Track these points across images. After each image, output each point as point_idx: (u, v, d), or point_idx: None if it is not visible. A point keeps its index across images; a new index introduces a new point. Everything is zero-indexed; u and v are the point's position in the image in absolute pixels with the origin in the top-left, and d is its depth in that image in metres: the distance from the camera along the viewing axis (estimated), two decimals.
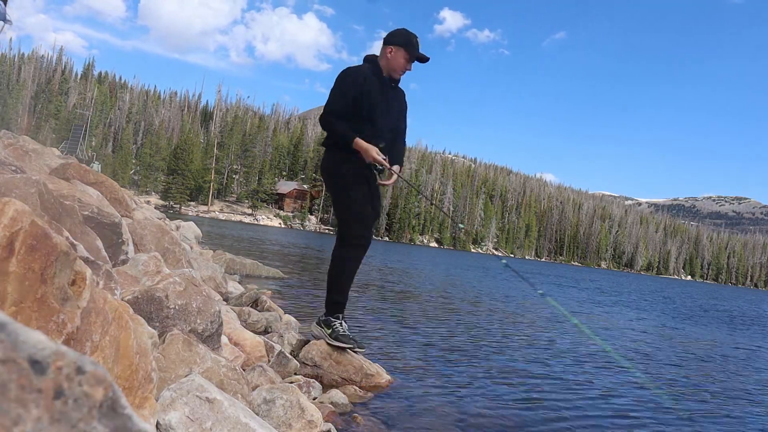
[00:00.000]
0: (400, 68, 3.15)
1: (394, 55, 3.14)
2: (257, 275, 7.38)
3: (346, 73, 3.11)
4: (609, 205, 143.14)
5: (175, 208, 62.85)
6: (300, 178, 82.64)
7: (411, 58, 3.15)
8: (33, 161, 3.74)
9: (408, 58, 3.14)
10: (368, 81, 3.08)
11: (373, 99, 3.08)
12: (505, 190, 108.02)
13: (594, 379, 3.87)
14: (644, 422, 3.00)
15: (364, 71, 3.12)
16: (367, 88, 3.07)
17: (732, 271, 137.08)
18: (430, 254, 36.49)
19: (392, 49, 3.15)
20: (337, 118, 3.06)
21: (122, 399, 0.42)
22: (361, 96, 3.06)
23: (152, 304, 1.92)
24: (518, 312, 7.73)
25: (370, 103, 3.07)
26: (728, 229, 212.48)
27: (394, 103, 3.26)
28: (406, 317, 5.63)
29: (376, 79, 3.14)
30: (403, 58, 3.13)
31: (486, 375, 3.55)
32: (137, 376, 1.32)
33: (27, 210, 1.01)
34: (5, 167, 2.61)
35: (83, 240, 2.12)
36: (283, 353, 2.78)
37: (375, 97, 3.09)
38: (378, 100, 3.11)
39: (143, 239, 3.14)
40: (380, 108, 3.12)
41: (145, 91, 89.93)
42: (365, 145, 3.00)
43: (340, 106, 3.06)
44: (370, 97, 3.07)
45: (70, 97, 74.26)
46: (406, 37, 3.15)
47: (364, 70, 3.13)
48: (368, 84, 3.08)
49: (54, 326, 1.05)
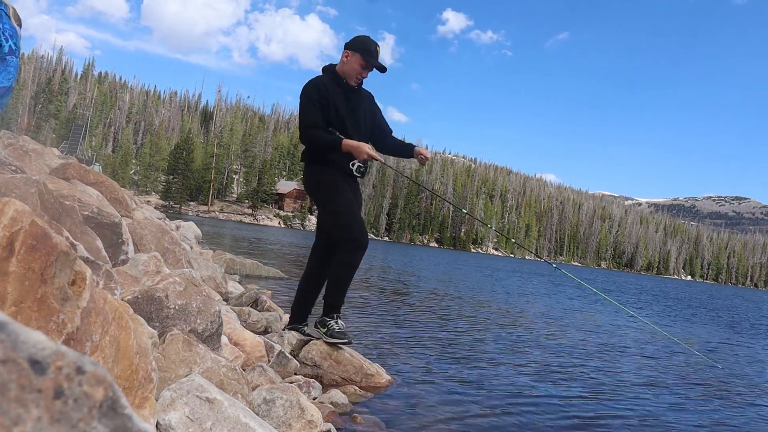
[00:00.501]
0: (355, 73, 3.16)
1: (349, 60, 3.15)
2: (257, 275, 7.38)
3: (308, 86, 3.14)
4: (609, 205, 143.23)
5: (175, 208, 62.86)
6: (300, 178, 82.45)
7: (367, 65, 3.15)
8: (33, 161, 3.74)
9: (363, 64, 3.14)
10: (330, 90, 3.11)
11: (337, 106, 3.12)
12: (505, 190, 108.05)
13: (597, 377, 3.87)
14: (653, 423, 3.00)
15: (324, 81, 3.15)
16: (332, 97, 3.10)
17: (732, 271, 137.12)
18: (430, 254, 36.49)
19: (349, 53, 3.16)
20: (317, 129, 3.08)
21: (122, 399, 0.42)
22: (328, 105, 3.09)
23: (152, 304, 1.92)
24: (518, 311, 7.73)
25: (337, 110, 3.11)
26: (728, 229, 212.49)
27: (360, 105, 3.27)
28: (406, 317, 5.63)
29: (337, 86, 3.16)
30: (358, 63, 3.14)
31: (486, 375, 3.55)
32: (137, 376, 1.32)
33: (27, 210, 1.01)
34: (5, 167, 2.61)
35: (83, 240, 2.12)
36: (283, 353, 2.78)
37: (339, 104, 3.13)
38: (343, 106, 3.14)
39: (143, 239, 3.14)
40: (346, 113, 3.15)
41: (145, 91, 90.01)
42: (355, 143, 3.04)
43: (316, 117, 3.08)
44: (336, 105, 3.11)
45: (70, 97, 74.29)
46: (364, 44, 3.15)
47: (323, 80, 3.15)
48: (331, 93, 3.11)
49: (54, 326, 1.05)
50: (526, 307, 8.57)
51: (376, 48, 3.15)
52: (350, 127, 3.15)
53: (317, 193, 3.20)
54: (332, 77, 3.19)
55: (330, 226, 3.23)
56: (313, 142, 3.11)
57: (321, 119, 3.08)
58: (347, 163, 3.13)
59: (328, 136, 3.06)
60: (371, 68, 3.18)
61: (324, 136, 3.06)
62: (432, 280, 12.14)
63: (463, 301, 8.28)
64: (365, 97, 3.35)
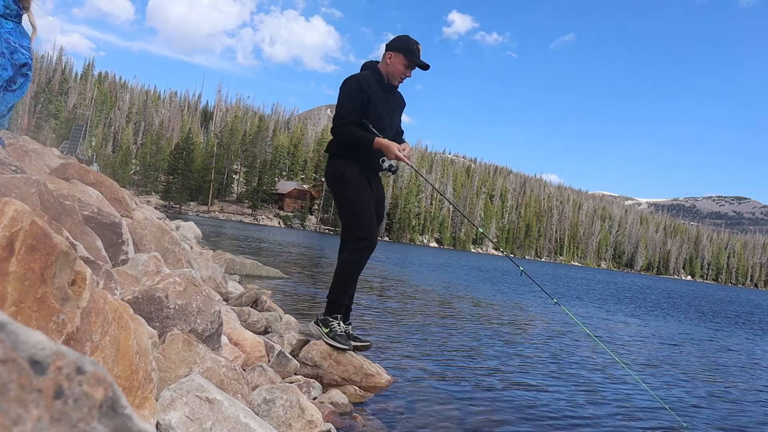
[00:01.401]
0: (399, 74, 3.21)
1: (393, 61, 3.20)
2: (257, 275, 7.38)
3: (351, 81, 3.17)
4: (609, 205, 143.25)
5: (175, 208, 62.85)
6: (300, 178, 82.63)
7: (410, 65, 3.20)
8: (33, 161, 3.74)
9: (407, 64, 3.19)
10: (372, 87, 3.15)
11: (377, 104, 3.16)
12: (505, 190, 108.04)
13: (596, 379, 3.87)
14: (650, 425, 3.00)
15: (368, 78, 3.18)
16: (373, 94, 3.14)
17: (732, 271, 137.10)
18: (430, 254, 36.49)
19: (392, 54, 3.20)
20: (352, 125, 3.11)
21: (122, 399, 0.42)
22: (368, 102, 3.12)
23: (152, 304, 1.92)
24: (519, 313, 7.73)
25: (376, 107, 3.15)
26: (728, 229, 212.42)
27: (396, 107, 3.36)
28: (407, 317, 5.63)
29: (378, 85, 3.21)
30: (401, 64, 3.18)
31: (486, 375, 3.55)
32: (137, 376, 1.32)
33: (27, 210, 1.01)
34: (5, 167, 2.61)
35: (83, 240, 2.12)
36: (283, 353, 2.78)
37: (379, 102, 3.17)
38: (383, 104, 3.20)
39: (143, 239, 3.14)
40: (384, 112, 3.21)
41: (145, 91, 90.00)
42: (386, 142, 3.07)
43: (352, 112, 3.11)
44: (375, 103, 3.14)
45: (70, 97, 74.25)
46: (406, 44, 3.19)
47: (367, 77, 3.18)
48: (373, 90, 3.15)
49: (54, 326, 1.05)
50: (527, 307, 8.57)
51: (417, 47, 3.20)
52: (386, 126, 3.21)
53: (339, 185, 3.19)
54: (375, 75, 3.23)
55: (344, 220, 3.24)
56: (346, 136, 3.13)
57: (357, 115, 3.11)
58: (377, 160, 3.14)
59: (361, 132, 3.09)
60: (414, 67, 3.22)
61: (358, 132, 3.09)
62: (432, 281, 12.14)
63: (463, 301, 8.28)
64: (399, 99, 3.42)
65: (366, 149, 3.10)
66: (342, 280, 3.16)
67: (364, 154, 3.13)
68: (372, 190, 3.22)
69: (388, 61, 3.21)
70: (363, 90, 3.11)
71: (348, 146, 3.15)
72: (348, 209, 3.17)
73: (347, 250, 3.16)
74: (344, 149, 3.17)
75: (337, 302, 3.17)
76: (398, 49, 3.18)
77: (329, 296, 3.19)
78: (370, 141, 3.06)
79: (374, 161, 3.14)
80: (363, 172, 3.17)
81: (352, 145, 3.13)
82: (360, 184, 3.15)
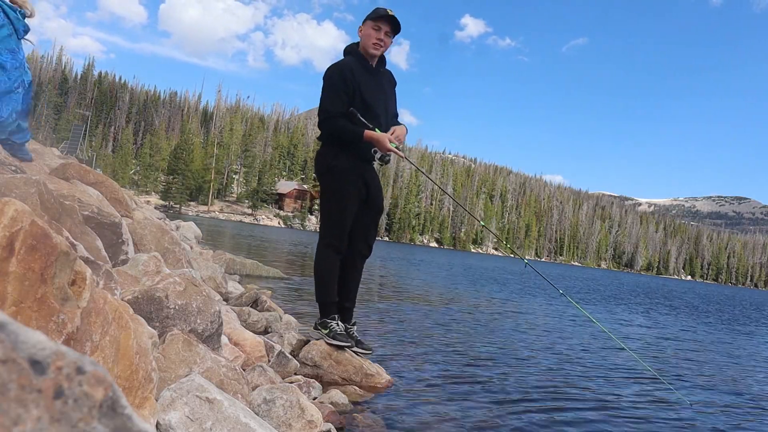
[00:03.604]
0: (371, 40, 3.07)
1: (363, 33, 3.12)
2: (257, 275, 7.38)
3: (332, 70, 3.06)
4: (609, 205, 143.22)
5: (175, 208, 62.83)
6: (300, 178, 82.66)
7: (377, 26, 3.06)
8: (33, 161, 3.74)
9: (374, 26, 3.07)
10: (356, 72, 3.04)
11: (365, 91, 3.04)
12: (505, 190, 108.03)
13: (598, 378, 3.87)
14: (657, 428, 3.00)
15: (349, 64, 3.07)
16: (357, 79, 3.02)
17: (732, 271, 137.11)
18: (431, 254, 36.48)
19: (362, 27, 3.14)
20: (338, 118, 3.01)
21: (122, 399, 0.42)
22: (354, 90, 3.02)
23: (152, 304, 1.92)
24: (520, 312, 7.73)
25: (362, 93, 3.03)
26: (728, 229, 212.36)
27: (385, 87, 3.23)
28: (407, 317, 5.63)
29: (361, 67, 3.09)
30: (370, 28, 3.08)
31: (486, 375, 3.55)
32: (137, 376, 1.32)
33: (27, 210, 1.01)
34: (5, 167, 2.61)
35: (83, 240, 2.12)
36: (283, 353, 2.78)
37: (367, 88, 3.06)
38: (372, 89, 3.08)
39: (143, 239, 3.14)
40: (374, 96, 3.09)
41: (145, 92, 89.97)
42: (377, 135, 2.97)
43: (337, 104, 3.00)
44: (362, 90, 3.03)
45: (70, 97, 74.24)
46: (372, 11, 3.12)
47: (348, 63, 3.07)
48: (357, 76, 3.03)
49: (54, 326, 1.05)
50: (528, 306, 8.57)
51: (383, 9, 3.08)
52: (380, 112, 3.10)
53: (325, 178, 3.11)
54: (357, 59, 3.12)
55: (321, 213, 3.20)
56: (333, 132, 3.03)
57: (342, 107, 3.00)
58: (368, 151, 3.04)
59: (349, 126, 2.98)
60: (384, 26, 3.07)
61: (345, 126, 2.98)
62: (431, 281, 12.14)
63: (463, 301, 8.27)
64: (388, 79, 3.29)
65: (356, 145, 3.01)
66: (319, 281, 3.15)
67: (355, 146, 3.04)
68: (364, 181, 3.12)
69: (360, 34, 3.14)
70: (345, 78, 2.99)
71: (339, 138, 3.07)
72: (324, 207, 3.13)
73: (318, 246, 3.14)
74: (335, 139, 3.08)
75: (326, 302, 3.14)
76: (365, 20, 3.11)
77: (316, 299, 3.18)
78: (359, 136, 2.96)
79: (366, 151, 3.04)
80: (354, 163, 3.06)
81: (342, 139, 3.06)
82: (347, 180, 3.06)
